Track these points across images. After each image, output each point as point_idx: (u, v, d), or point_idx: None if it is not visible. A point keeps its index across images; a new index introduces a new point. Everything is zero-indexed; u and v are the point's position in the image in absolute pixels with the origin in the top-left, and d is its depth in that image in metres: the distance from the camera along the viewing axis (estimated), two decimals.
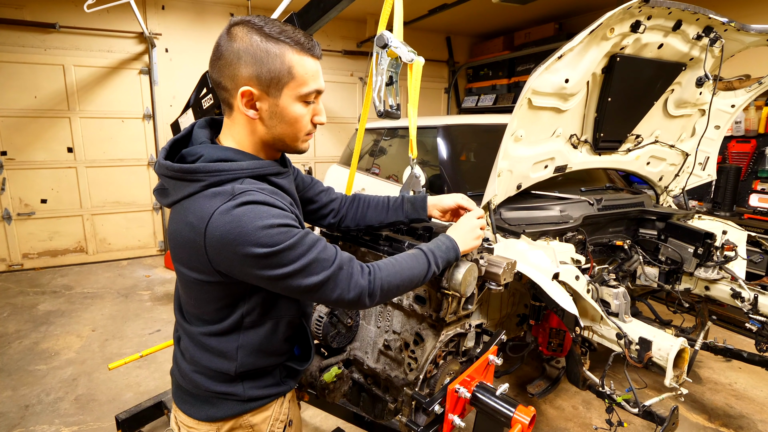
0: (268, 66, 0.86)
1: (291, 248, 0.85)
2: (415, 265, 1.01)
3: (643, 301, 2.80)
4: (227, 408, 0.99)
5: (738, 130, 3.71)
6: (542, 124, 1.90)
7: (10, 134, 4.50)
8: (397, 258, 1.01)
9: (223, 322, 0.95)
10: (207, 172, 0.86)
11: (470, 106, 6.56)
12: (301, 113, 0.93)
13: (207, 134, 0.98)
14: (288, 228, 0.85)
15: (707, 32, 1.90)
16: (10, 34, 4.35)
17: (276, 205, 0.87)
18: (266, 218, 0.83)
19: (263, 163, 0.94)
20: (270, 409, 1.04)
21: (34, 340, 3.24)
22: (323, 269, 0.89)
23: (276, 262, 0.84)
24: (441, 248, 1.07)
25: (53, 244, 4.91)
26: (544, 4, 4.91)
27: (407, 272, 0.99)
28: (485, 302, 1.98)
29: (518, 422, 1.08)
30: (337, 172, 4.24)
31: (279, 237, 0.83)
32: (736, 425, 2.43)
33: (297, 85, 0.89)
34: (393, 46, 1.34)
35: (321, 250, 0.90)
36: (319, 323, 1.45)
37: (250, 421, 1.02)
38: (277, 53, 0.86)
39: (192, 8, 5.05)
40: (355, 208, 1.36)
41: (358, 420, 1.99)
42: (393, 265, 0.99)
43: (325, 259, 0.90)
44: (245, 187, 0.85)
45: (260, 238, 0.81)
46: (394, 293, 0.98)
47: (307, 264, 0.87)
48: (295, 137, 0.96)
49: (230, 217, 0.81)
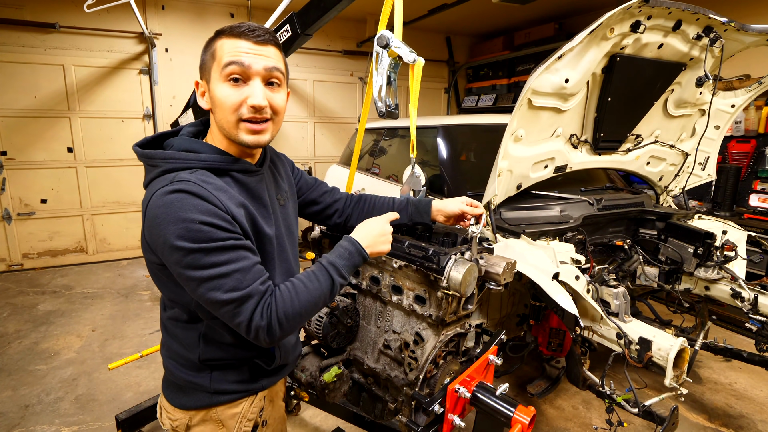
0: (203, 55, 0.94)
1: (207, 252, 0.82)
2: (315, 285, 0.94)
3: (643, 301, 2.80)
4: (197, 398, 1.01)
5: (738, 130, 3.71)
6: (542, 124, 1.90)
7: (10, 134, 4.50)
8: (295, 282, 0.94)
9: (183, 310, 0.97)
10: (163, 159, 0.91)
11: (470, 106, 6.56)
12: (226, 93, 0.90)
13: (194, 130, 1.03)
14: (211, 228, 0.82)
15: (707, 32, 1.90)
16: (10, 34, 4.34)
17: (210, 200, 0.84)
18: (191, 211, 0.81)
19: (222, 157, 0.94)
20: (239, 407, 1.04)
21: (34, 340, 3.24)
22: (232, 289, 0.84)
23: (189, 261, 0.82)
24: (343, 256, 1.00)
25: (53, 244, 4.91)
26: (544, 4, 4.90)
27: (306, 295, 0.92)
28: (485, 302, 1.98)
29: (518, 422, 1.08)
30: (337, 172, 4.24)
31: (198, 234, 0.81)
32: (736, 425, 2.43)
33: (218, 64, 0.91)
34: (394, 46, 1.34)
35: (241, 268, 0.85)
36: (319, 323, 1.45)
37: (219, 415, 1.02)
38: (210, 43, 0.93)
39: (192, 8, 5.05)
40: (360, 208, 1.38)
41: (358, 420, 1.99)
42: (290, 292, 0.91)
43: (240, 279, 0.85)
44: (185, 176, 0.86)
45: (180, 229, 0.81)
46: (299, 321, 0.92)
47: (217, 275, 0.83)
48: (229, 122, 0.92)
49: (162, 201, 0.83)
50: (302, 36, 2.22)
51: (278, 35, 2.28)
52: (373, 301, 1.57)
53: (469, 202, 1.37)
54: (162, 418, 1.08)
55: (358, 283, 1.59)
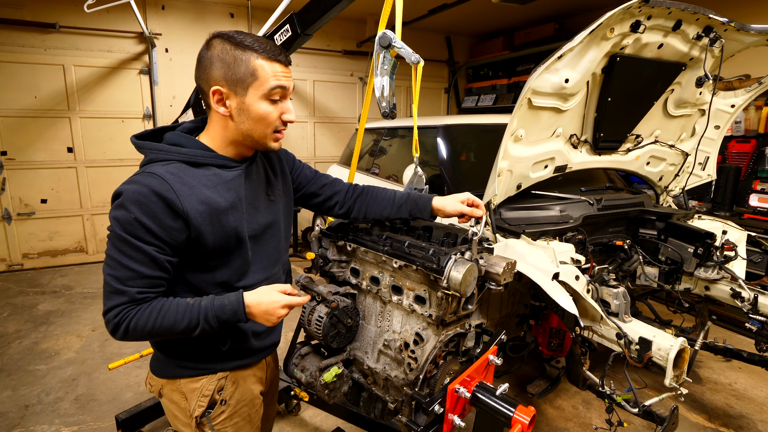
0: (235, 69, 0.99)
1: (123, 241, 0.94)
2: (181, 318, 0.98)
3: (643, 301, 2.81)
4: (166, 369, 1.14)
5: (738, 130, 3.71)
6: (542, 124, 1.90)
7: (10, 134, 4.50)
8: (168, 306, 0.98)
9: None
10: (149, 149, 1.03)
11: (470, 106, 6.56)
12: (267, 110, 1.03)
13: (191, 127, 1.13)
14: (141, 228, 0.93)
15: (707, 32, 1.90)
16: (10, 34, 4.34)
17: (165, 196, 0.94)
18: (135, 206, 0.93)
19: (201, 152, 1.04)
20: (199, 383, 1.13)
21: (34, 340, 3.24)
22: (116, 279, 0.94)
23: (111, 235, 0.96)
24: (225, 309, 1.01)
25: (53, 244, 4.91)
26: (544, 4, 4.90)
27: (167, 322, 0.97)
28: (485, 302, 1.98)
29: (518, 422, 1.08)
30: (337, 172, 4.24)
31: (128, 226, 0.93)
32: (736, 425, 2.43)
33: (260, 84, 1.01)
34: (397, 47, 1.34)
35: (137, 270, 0.95)
36: (319, 323, 1.45)
37: (182, 387, 1.13)
38: (243, 59, 0.99)
39: (192, 8, 5.05)
40: (360, 201, 1.41)
41: (358, 420, 1.99)
42: (155, 313, 0.97)
43: (128, 277, 0.95)
44: (154, 170, 0.97)
45: (120, 213, 0.94)
46: (144, 338, 0.99)
47: (116, 260, 0.95)
48: (264, 134, 1.06)
49: (127, 186, 0.95)
50: (302, 36, 2.22)
51: (278, 35, 2.28)
52: (373, 301, 1.57)
53: (471, 200, 1.36)
54: (146, 381, 1.23)
55: (358, 283, 1.59)
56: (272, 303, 1.05)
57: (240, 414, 1.20)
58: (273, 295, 1.06)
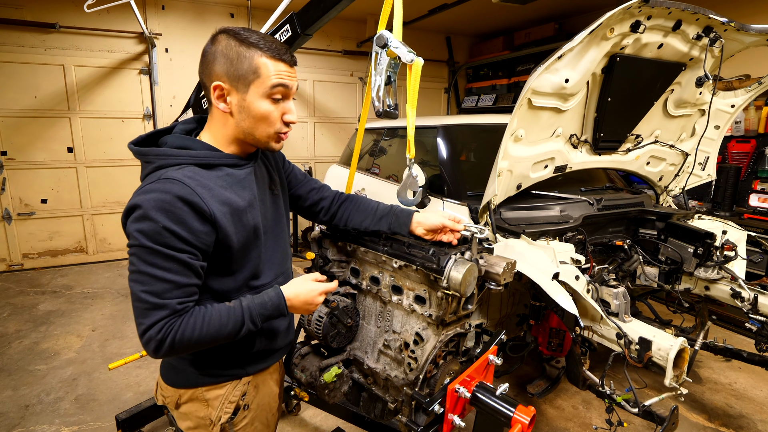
0: (237, 65, 0.97)
1: (155, 253, 0.88)
2: (225, 322, 0.96)
3: (643, 301, 2.81)
4: (186, 378, 1.09)
5: (738, 130, 3.71)
6: (542, 124, 1.90)
7: (10, 134, 4.50)
8: (211, 312, 0.96)
9: None
10: (156, 155, 0.99)
11: (470, 106, 6.56)
12: (268, 109, 1.01)
13: (187, 128, 1.10)
14: (171, 236, 0.89)
15: (707, 32, 1.90)
16: (10, 34, 4.34)
17: (190, 200, 0.90)
18: (161, 215, 0.88)
19: (212, 153, 1.02)
20: (223, 389, 1.10)
21: (34, 340, 3.24)
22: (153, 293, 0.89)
23: (137, 250, 0.89)
24: (265, 306, 1.01)
25: (53, 244, 4.91)
26: (544, 4, 4.90)
27: (213, 329, 0.94)
28: (485, 302, 1.98)
29: (518, 422, 1.08)
30: (337, 172, 4.24)
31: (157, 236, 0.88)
32: (736, 425, 2.43)
33: (262, 82, 0.98)
34: (393, 46, 1.34)
35: (174, 281, 0.90)
36: (319, 323, 1.45)
37: (204, 395, 1.10)
38: (246, 55, 0.97)
39: (192, 8, 5.05)
40: (343, 208, 1.41)
41: (358, 420, 1.99)
42: (199, 320, 0.94)
43: (165, 289, 0.89)
44: (172, 174, 0.93)
45: (145, 225, 0.88)
46: (191, 349, 0.95)
47: (150, 275, 0.89)
48: (265, 133, 1.03)
49: (146, 197, 0.89)
50: (302, 36, 2.22)
51: (278, 35, 2.28)
52: (373, 301, 1.57)
53: (452, 216, 1.37)
54: (157, 394, 1.18)
55: (358, 283, 1.59)
56: (311, 292, 1.08)
57: (259, 418, 1.19)
58: (309, 284, 1.09)
